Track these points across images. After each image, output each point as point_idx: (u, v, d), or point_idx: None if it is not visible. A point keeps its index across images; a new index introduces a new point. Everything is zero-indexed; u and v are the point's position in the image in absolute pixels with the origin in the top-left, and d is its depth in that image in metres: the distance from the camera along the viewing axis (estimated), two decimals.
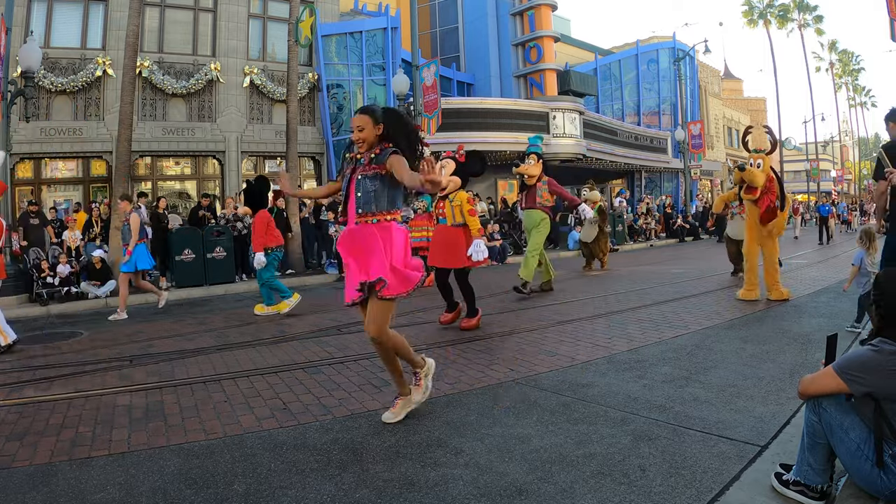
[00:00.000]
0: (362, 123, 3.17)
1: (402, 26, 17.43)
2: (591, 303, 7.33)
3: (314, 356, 4.99)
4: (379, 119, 3.20)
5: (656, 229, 21.33)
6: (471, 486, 2.52)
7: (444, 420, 3.33)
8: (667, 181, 27.92)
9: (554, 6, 22.78)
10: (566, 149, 19.95)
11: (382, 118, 3.21)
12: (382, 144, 3.21)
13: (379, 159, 3.16)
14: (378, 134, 3.20)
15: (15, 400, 4.04)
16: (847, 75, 49.69)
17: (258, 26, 16.07)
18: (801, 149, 45.14)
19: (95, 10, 14.06)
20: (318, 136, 16.48)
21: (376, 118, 3.20)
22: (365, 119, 3.18)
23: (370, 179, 3.16)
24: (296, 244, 12.27)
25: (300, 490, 2.55)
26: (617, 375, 4.06)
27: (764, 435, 2.91)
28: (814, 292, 7.54)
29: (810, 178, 41.20)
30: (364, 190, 3.17)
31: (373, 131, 3.17)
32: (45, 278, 9.36)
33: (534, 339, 5.33)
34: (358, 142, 3.19)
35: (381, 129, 3.19)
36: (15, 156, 12.60)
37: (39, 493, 2.61)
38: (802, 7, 39.45)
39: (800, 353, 4.50)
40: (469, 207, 5.86)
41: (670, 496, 2.37)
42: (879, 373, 2.13)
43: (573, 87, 23.62)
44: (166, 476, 2.74)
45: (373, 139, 3.19)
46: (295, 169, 12.96)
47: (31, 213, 10.88)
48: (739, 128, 37.25)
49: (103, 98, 13.86)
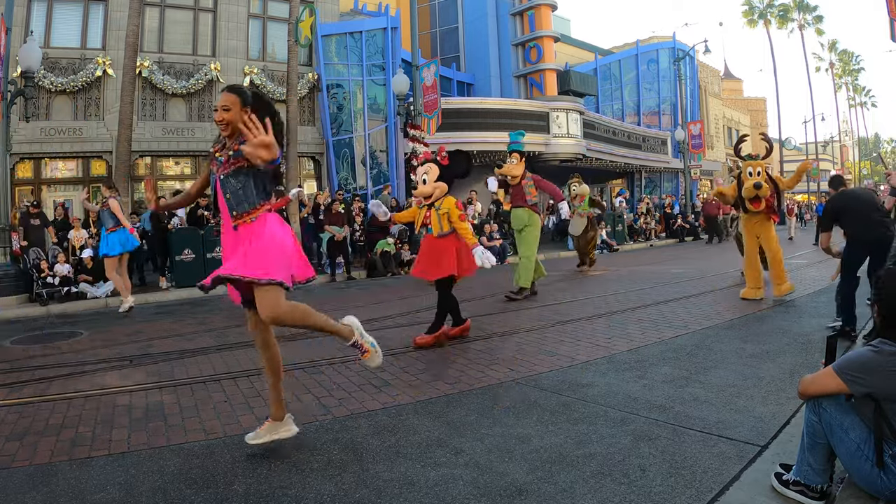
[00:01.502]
0: (229, 103, 2.83)
1: (402, 26, 17.43)
2: (591, 303, 7.33)
3: (314, 356, 4.99)
4: (248, 101, 2.86)
5: (656, 229, 21.33)
6: (471, 486, 2.52)
7: (444, 420, 3.33)
8: (667, 181, 27.93)
9: (554, 6, 22.78)
10: (566, 149, 19.96)
11: (252, 101, 2.87)
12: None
13: (238, 154, 2.80)
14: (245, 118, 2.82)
15: (15, 400, 4.03)
16: (847, 75, 49.70)
17: (258, 26, 16.07)
18: (801, 149, 45.12)
19: (95, 10, 14.05)
20: (318, 136, 16.47)
21: (245, 99, 2.85)
22: (233, 98, 2.84)
23: (234, 178, 2.83)
24: None
25: (300, 490, 2.55)
26: (617, 375, 4.06)
27: (764, 435, 2.91)
28: (814, 292, 7.55)
29: (810, 178, 41.14)
30: (231, 190, 2.84)
31: (240, 114, 2.80)
32: (45, 278, 9.35)
33: (534, 339, 5.33)
34: (221, 122, 2.85)
35: (247, 113, 2.80)
36: (15, 156, 12.58)
37: (39, 493, 2.61)
38: (802, 7, 39.45)
39: (800, 353, 4.50)
40: (458, 213, 5.26)
41: (670, 496, 2.37)
42: (879, 373, 2.13)
43: (573, 87, 23.62)
44: (166, 476, 2.74)
45: (238, 122, 2.79)
46: (295, 169, 12.95)
47: (31, 213, 10.87)
48: (739, 128, 37.25)
49: (103, 98, 13.86)
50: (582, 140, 20.34)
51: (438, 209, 5.27)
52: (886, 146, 70.40)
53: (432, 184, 5.30)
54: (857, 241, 4.97)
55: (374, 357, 3.06)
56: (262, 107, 2.88)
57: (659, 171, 27.37)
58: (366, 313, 7.13)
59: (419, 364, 4.62)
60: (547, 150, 19.52)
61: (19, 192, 13.30)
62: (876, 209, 5.06)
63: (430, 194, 5.33)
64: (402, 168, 16.48)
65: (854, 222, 4.94)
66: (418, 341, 5.16)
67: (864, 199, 5.11)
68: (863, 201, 5.06)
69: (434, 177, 5.32)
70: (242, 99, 2.84)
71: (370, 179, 16.65)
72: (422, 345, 5.12)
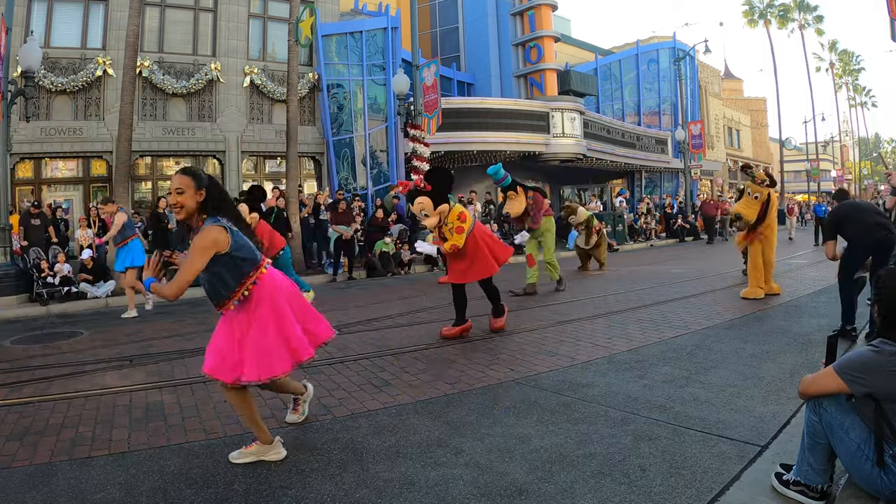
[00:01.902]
0: (182, 185, 2.73)
1: (402, 26, 17.42)
2: (591, 303, 7.33)
3: (314, 356, 4.98)
4: (203, 183, 2.77)
5: (656, 229, 21.33)
6: (471, 486, 2.52)
7: (444, 420, 3.33)
8: (667, 181, 27.91)
9: (554, 6, 22.78)
10: (566, 149, 19.96)
11: (206, 183, 2.79)
12: (201, 216, 2.78)
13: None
14: (200, 201, 2.76)
15: (15, 400, 4.03)
16: (847, 75, 49.64)
17: (258, 26, 16.06)
18: (801, 149, 45.09)
19: (95, 10, 14.05)
20: (318, 136, 16.47)
21: (200, 182, 2.76)
22: (186, 181, 2.74)
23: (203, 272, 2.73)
24: (296, 244, 12.26)
25: (300, 490, 2.55)
26: (617, 375, 4.06)
27: (764, 435, 2.91)
28: (814, 292, 7.54)
29: (810, 178, 41.20)
30: (205, 282, 2.79)
31: (194, 196, 2.74)
32: (45, 278, 9.36)
33: (534, 339, 5.33)
34: (175, 207, 2.76)
35: (202, 196, 2.76)
36: (15, 156, 12.58)
37: (39, 493, 2.61)
38: (803, 7, 39.42)
39: (800, 353, 4.50)
40: (457, 224, 5.37)
41: (670, 496, 2.37)
42: (880, 373, 2.13)
43: (573, 87, 23.61)
44: (166, 476, 2.74)
45: (192, 206, 2.75)
46: (295, 169, 12.95)
47: (31, 213, 10.89)
48: (740, 128, 37.26)
49: (103, 98, 13.85)
50: (582, 140, 20.33)
51: (448, 225, 5.46)
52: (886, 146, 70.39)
53: (433, 214, 5.37)
54: (858, 245, 5.05)
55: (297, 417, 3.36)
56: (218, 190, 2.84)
57: (659, 171, 27.36)
58: (366, 313, 7.13)
59: (419, 364, 4.62)
60: (547, 150, 19.52)
61: (19, 192, 13.30)
62: (877, 214, 5.19)
63: (439, 223, 5.48)
64: (403, 168, 16.47)
65: (855, 227, 5.04)
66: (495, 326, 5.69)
67: (865, 207, 5.29)
68: (863, 209, 5.23)
69: (430, 207, 5.35)
70: (197, 182, 2.76)
71: (370, 179, 16.65)
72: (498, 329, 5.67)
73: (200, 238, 2.67)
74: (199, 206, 2.77)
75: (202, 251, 2.66)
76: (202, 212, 2.78)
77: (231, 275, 2.75)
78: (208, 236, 2.67)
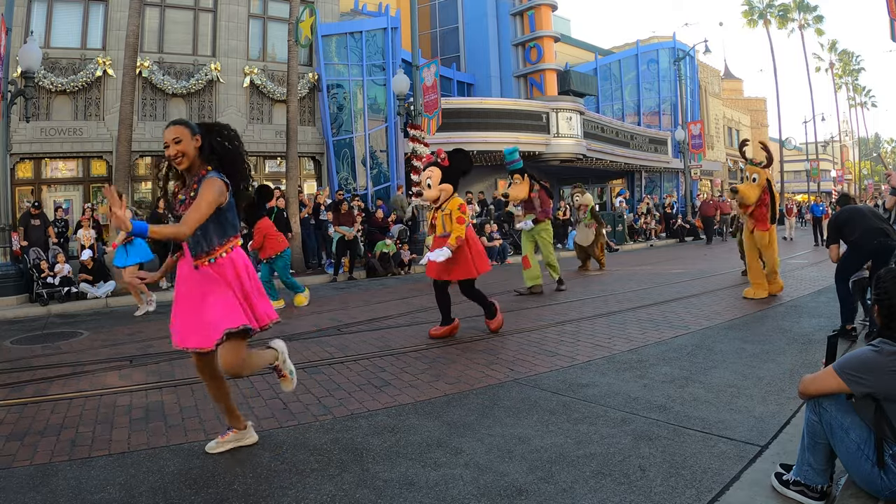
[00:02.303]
0: (179, 134, 2.73)
1: (402, 26, 17.42)
2: (591, 303, 7.33)
3: (314, 356, 4.99)
4: (196, 131, 2.78)
5: (656, 229, 21.33)
6: (471, 486, 2.52)
7: (444, 420, 3.33)
8: (667, 181, 27.91)
9: (554, 6, 22.77)
10: (566, 149, 19.95)
11: (199, 129, 2.81)
12: (203, 166, 2.79)
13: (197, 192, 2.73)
14: (197, 146, 2.77)
15: (15, 400, 4.03)
16: (847, 75, 49.66)
17: (258, 26, 16.05)
18: (801, 149, 45.11)
19: (95, 10, 14.04)
20: (318, 136, 16.47)
21: (193, 130, 2.78)
22: (180, 129, 2.75)
23: None
24: (296, 244, 12.26)
25: (300, 490, 2.55)
26: (617, 375, 4.06)
27: (764, 435, 2.91)
28: (814, 292, 7.55)
29: (810, 178, 41.19)
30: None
31: (191, 143, 2.75)
32: (45, 278, 9.36)
33: (534, 339, 5.33)
34: (175, 156, 2.72)
35: (199, 141, 2.77)
36: (15, 156, 12.58)
37: (39, 493, 2.60)
38: (802, 7, 39.42)
39: (800, 353, 4.50)
40: (458, 214, 5.30)
41: (670, 496, 2.36)
42: (880, 373, 2.13)
43: (573, 87, 23.61)
44: (166, 476, 2.74)
45: (193, 152, 2.75)
46: (295, 169, 12.95)
47: (32, 214, 10.89)
48: (740, 128, 37.24)
49: (103, 98, 13.85)
50: (582, 140, 20.33)
51: (444, 210, 5.38)
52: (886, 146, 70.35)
53: (437, 187, 5.36)
54: (857, 248, 5.09)
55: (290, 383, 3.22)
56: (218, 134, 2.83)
57: (659, 171, 27.36)
58: (366, 313, 7.13)
59: (419, 364, 4.62)
60: (547, 150, 19.52)
61: (19, 192, 13.30)
62: (877, 219, 5.23)
63: (437, 198, 5.40)
64: (403, 168, 16.48)
65: (855, 230, 5.09)
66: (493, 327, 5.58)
67: (866, 212, 5.33)
68: (864, 213, 5.27)
69: (437, 180, 5.35)
70: (191, 129, 2.77)
71: (370, 179, 16.65)
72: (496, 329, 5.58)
73: (210, 187, 2.67)
74: (197, 152, 2.76)
75: (210, 203, 2.65)
76: (203, 160, 2.78)
77: (216, 233, 2.77)
78: (216, 186, 2.68)
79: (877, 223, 5.08)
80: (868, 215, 5.24)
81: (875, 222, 5.09)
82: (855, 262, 5.17)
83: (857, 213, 5.26)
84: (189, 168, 2.79)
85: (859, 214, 5.23)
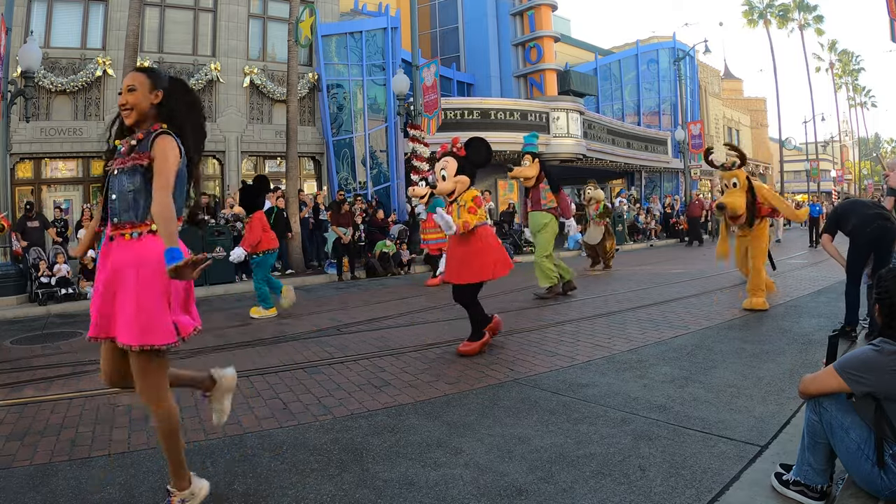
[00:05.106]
0: (135, 82, 2.31)
1: (402, 26, 17.42)
2: (591, 303, 7.33)
3: (314, 356, 4.99)
4: (159, 84, 2.34)
5: (656, 229, 21.33)
6: (471, 486, 2.52)
7: (444, 420, 3.33)
8: (667, 181, 27.92)
9: (554, 6, 22.77)
10: (566, 149, 19.95)
11: (165, 84, 2.37)
12: (152, 123, 2.33)
13: (142, 146, 2.26)
14: (154, 103, 2.33)
15: (15, 400, 4.03)
16: (847, 75, 49.65)
17: (258, 26, 16.06)
18: (801, 149, 45.09)
19: (95, 10, 14.05)
20: (318, 136, 16.47)
21: (155, 81, 2.34)
22: (140, 78, 2.32)
23: (127, 175, 2.25)
24: (296, 244, 12.26)
25: (300, 490, 2.55)
26: (617, 375, 4.06)
27: (764, 435, 2.91)
28: (814, 292, 7.54)
29: (810, 178, 41.18)
30: (119, 190, 2.26)
31: (147, 97, 2.31)
32: (40, 278, 9.35)
33: (534, 339, 5.33)
34: (124, 107, 2.31)
35: (158, 97, 2.33)
36: (15, 156, 12.59)
37: (39, 493, 2.60)
38: (802, 7, 39.41)
39: (800, 353, 4.50)
40: (470, 205, 4.82)
41: (670, 496, 2.36)
42: (880, 372, 2.13)
43: (573, 87, 23.62)
44: (166, 476, 2.73)
45: (145, 107, 2.31)
46: (295, 169, 12.95)
47: (28, 216, 10.90)
48: (740, 128, 37.25)
49: (103, 98, 13.85)
50: (582, 140, 20.33)
51: (459, 202, 4.91)
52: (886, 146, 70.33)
53: (452, 179, 4.88)
54: (858, 236, 5.05)
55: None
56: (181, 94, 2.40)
57: (659, 171, 27.37)
58: (366, 313, 7.13)
59: (419, 364, 4.62)
60: (547, 150, 19.50)
61: (19, 193, 13.30)
62: (876, 207, 5.28)
63: (452, 191, 4.91)
64: (402, 168, 16.48)
65: (855, 219, 5.08)
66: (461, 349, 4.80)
67: (865, 202, 5.43)
68: (863, 203, 5.37)
69: (453, 170, 4.88)
70: (152, 80, 2.33)
71: (370, 179, 16.65)
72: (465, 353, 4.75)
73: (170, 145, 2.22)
74: (151, 108, 2.33)
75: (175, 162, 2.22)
76: (158, 120, 2.33)
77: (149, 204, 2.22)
78: (175, 148, 2.24)
79: (875, 209, 5.13)
80: (867, 204, 5.32)
81: (873, 209, 5.13)
82: (860, 254, 5.06)
83: (855, 203, 5.36)
84: (137, 124, 2.35)
85: (859, 204, 5.33)
